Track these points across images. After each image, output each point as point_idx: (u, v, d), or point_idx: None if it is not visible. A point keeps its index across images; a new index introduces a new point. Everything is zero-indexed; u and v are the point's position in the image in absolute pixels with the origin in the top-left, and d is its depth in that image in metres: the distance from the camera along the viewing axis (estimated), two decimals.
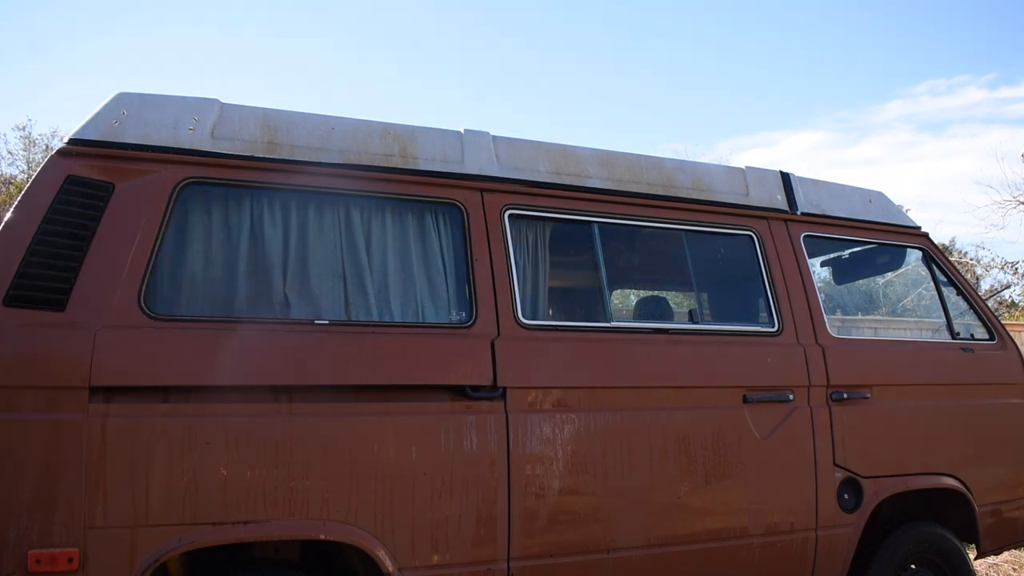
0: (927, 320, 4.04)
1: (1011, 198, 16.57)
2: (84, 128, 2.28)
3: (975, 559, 3.43)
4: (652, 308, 3.64)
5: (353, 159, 2.55)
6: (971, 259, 18.18)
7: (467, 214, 2.65)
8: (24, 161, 20.50)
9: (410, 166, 2.62)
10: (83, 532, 2.03)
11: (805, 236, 3.26)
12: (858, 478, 3.03)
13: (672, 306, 3.71)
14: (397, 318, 2.54)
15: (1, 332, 2.05)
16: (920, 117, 41.73)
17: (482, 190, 2.70)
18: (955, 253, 18.73)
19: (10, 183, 18.49)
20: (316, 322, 2.39)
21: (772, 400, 2.93)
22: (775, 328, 3.05)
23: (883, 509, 3.18)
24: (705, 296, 3.68)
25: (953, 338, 3.52)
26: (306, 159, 2.49)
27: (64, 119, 33.17)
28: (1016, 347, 3.62)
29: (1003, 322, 3.84)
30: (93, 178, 2.24)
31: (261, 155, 2.44)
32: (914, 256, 3.72)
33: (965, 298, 3.64)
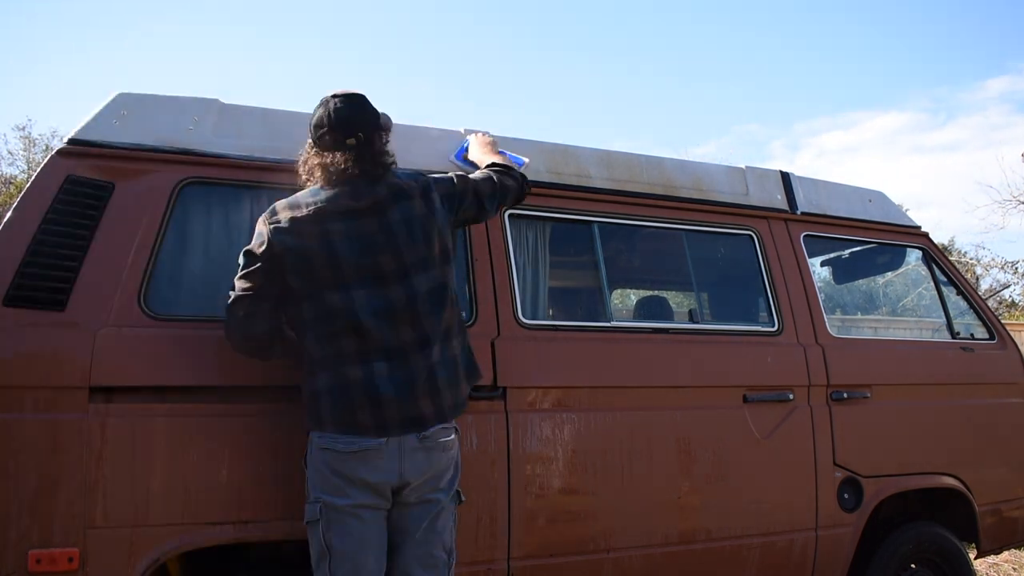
0: (927, 320, 4.04)
1: (1011, 198, 16.57)
2: (84, 128, 2.28)
3: (975, 559, 3.43)
4: (652, 308, 3.64)
5: None
6: (971, 259, 18.19)
7: None
8: (24, 161, 20.52)
9: (409, 166, 2.61)
10: (83, 532, 2.03)
11: (805, 236, 3.26)
12: (858, 478, 3.03)
13: (672, 306, 3.71)
14: None
15: (1, 332, 2.05)
16: (1022, 95, 36.74)
17: None
18: (955, 253, 18.73)
19: (10, 183, 18.49)
20: None
21: (772, 400, 2.92)
22: (775, 328, 3.05)
23: (883, 509, 3.17)
24: (705, 296, 3.67)
25: (953, 338, 3.52)
26: None
27: (64, 119, 33.18)
28: (1016, 347, 3.62)
29: (1003, 322, 3.84)
30: (93, 178, 2.24)
31: (261, 155, 2.43)
32: (914, 256, 3.72)
33: (965, 298, 3.64)
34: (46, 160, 2.26)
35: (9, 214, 2.15)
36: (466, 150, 2.66)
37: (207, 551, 2.26)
